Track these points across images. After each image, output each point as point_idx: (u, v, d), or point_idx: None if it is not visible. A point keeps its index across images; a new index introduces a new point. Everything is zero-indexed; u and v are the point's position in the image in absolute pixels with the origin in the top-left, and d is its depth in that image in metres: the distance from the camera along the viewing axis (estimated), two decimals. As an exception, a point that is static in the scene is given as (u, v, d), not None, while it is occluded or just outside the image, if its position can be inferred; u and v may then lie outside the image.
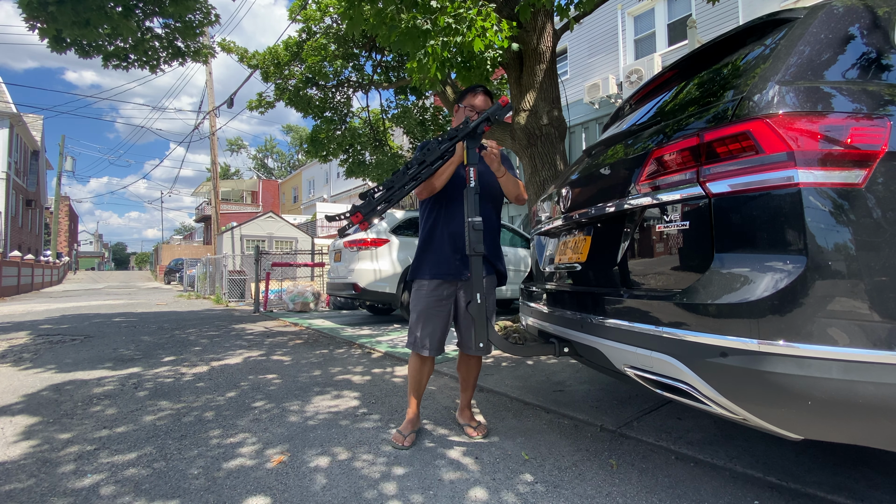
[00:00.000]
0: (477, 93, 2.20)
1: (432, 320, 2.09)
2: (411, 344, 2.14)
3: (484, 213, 2.03)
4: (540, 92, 4.50)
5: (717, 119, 1.31)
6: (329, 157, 8.46)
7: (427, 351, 2.10)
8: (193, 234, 50.24)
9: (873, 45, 1.32)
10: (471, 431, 2.16)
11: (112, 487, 1.69)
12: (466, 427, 2.19)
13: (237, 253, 13.07)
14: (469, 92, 2.22)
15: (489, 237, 2.12)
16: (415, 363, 2.16)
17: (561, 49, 12.72)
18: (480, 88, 2.21)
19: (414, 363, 2.16)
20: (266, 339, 5.17)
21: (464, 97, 2.23)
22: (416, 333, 2.12)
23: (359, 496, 1.62)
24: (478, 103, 2.17)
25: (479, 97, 2.18)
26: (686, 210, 1.33)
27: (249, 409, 2.59)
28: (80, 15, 4.42)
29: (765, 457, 1.83)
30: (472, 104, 2.17)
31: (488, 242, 2.10)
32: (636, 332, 1.40)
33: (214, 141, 17.65)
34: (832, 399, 1.05)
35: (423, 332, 2.10)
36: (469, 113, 2.14)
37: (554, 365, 3.48)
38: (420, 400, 2.20)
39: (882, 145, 1.10)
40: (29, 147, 24.91)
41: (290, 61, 7.31)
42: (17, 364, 3.85)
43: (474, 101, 2.18)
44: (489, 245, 2.12)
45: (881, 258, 1.05)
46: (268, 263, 9.20)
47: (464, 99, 2.22)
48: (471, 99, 2.19)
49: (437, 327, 2.10)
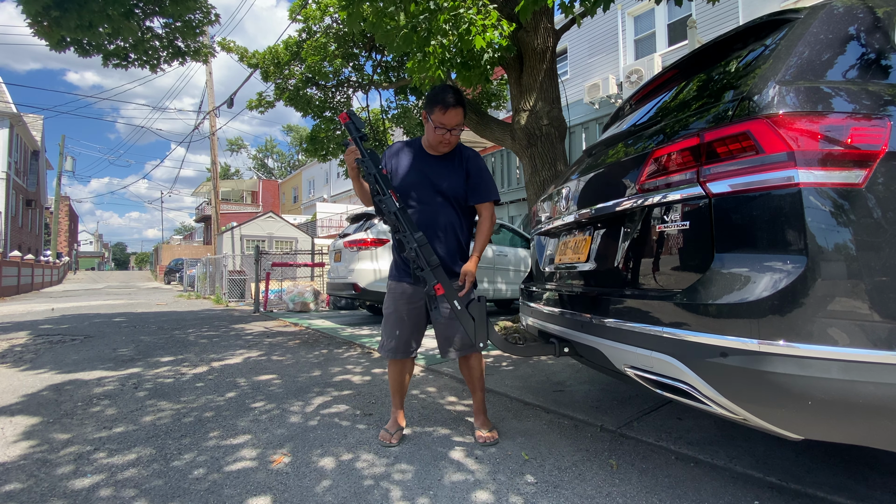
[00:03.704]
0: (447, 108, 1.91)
1: (397, 322, 2.06)
2: (380, 347, 2.14)
3: (432, 209, 2.00)
4: (540, 92, 4.50)
5: (718, 119, 1.31)
6: (328, 157, 8.46)
7: (391, 353, 2.08)
8: (193, 234, 50.24)
9: (873, 45, 1.32)
10: (479, 435, 2.08)
11: (112, 488, 1.69)
12: (477, 431, 2.12)
13: (237, 253, 13.07)
14: (436, 105, 1.92)
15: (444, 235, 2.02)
16: (391, 365, 2.15)
17: (561, 49, 12.72)
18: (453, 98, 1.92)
19: (390, 365, 2.16)
20: (266, 340, 5.17)
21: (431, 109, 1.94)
22: (383, 337, 2.11)
23: (359, 496, 1.62)
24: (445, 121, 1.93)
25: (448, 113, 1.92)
26: (686, 210, 1.33)
27: (249, 410, 2.59)
28: (84, 19, 4.43)
29: (765, 457, 1.83)
30: (442, 122, 1.93)
31: (442, 239, 2.02)
32: (636, 332, 1.40)
33: (214, 141, 17.65)
34: (832, 399, 1.05)
35: (389, 334, 2.08)
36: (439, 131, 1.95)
37: (554, 365, 3.48)
38: (403, 399, 2.18)
39: (882, 145, 1.10)
40: (29, 147, 24.90)
41: (290, 61, 7.31)
42: (17, 364, 3.85)
43: (443, 118, 1.93)
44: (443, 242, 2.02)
45: (881, 258, 1.05)
46: (268, 263, 9.20)
47: (432, 112, 1.94)
48: (439, 115, 1.93)
49: (404, 328, 2.06)
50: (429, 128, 2.00)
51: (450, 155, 2.09)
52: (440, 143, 2.01)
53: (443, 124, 1.94)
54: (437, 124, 1.95)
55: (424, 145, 2.10)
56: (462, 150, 2.12)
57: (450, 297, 1.86)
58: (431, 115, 1.95)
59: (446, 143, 2.01)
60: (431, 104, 1.95)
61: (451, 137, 2.00)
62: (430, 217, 2.01)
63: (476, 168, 2.08)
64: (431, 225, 2.00)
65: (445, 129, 1.95)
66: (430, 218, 2.01)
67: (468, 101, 5.03)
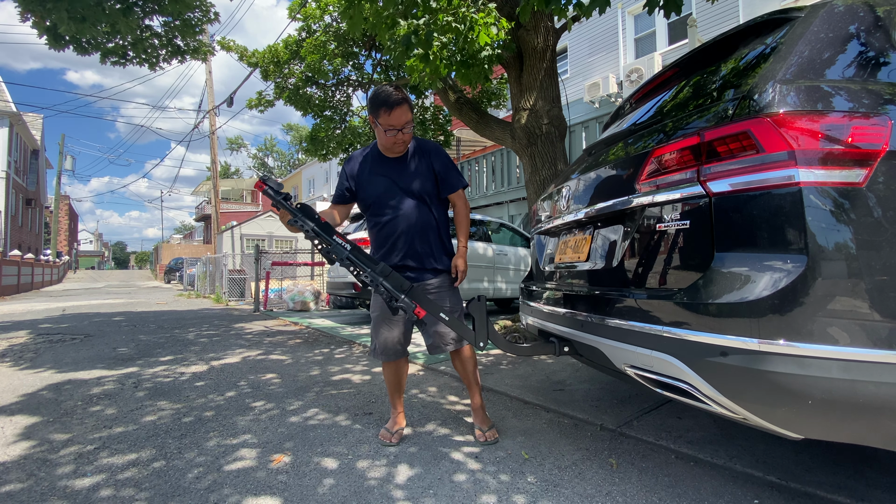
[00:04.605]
0: (391, 108, 1.85)
1: (385, 324, 2.05)
2: (371, 351, 2.13)
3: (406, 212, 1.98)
4: (540, 91, 4.50)
5: (718, 118, 1.31)
6: (328, 156, 8.45)
7: (382, 356, 2.08)
8: (193, 234, 50.25)
9: (874, 44, 1.32)
10: (479, 434, 2.08)
11: (112, 488, 1.69)
12: (476, 429, 2.12)
13: (237, 252, 13.08)
14: (381, 108, 1.86)
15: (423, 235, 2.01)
16: (384, 367, 2.16)
17: (561, 48, 12.71)
18: (395, 97, 1.86)
19: (384, 367, 2.16)
20: (266, 339, 5.17)
21: (377, 113, 1.88)
22: (373, 339, 2.11)
23: (359, 496, 1.62)
24: (393, 121, 1.88)
25: (393, 113, 1.86)
26: (686, 209, 1.33)
27: (249, 409, 2.59)
28: (77, 11, 4.41)
29: (765, 456, 1.83)
30: (390, 124, 1.88)
31: (422, 239, 2.00)
32: (636, 332, 1.40)
33: (214, 140, 17.64)
34: (832, 398, 1.05)
35: (377, 337, 2.08)
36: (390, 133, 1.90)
37: (554, 364, 3.48)
38: (401, 398, 2.18)
39: (883, 144, 1.10)
40: (29, 146, 24.88)
41: (290, 60, 7.30)
42: (17, 363, 3.85)
43: (390, 120, 1.87)
44: (424, 242, 2.01)
45: (882, 257, 1.05)
46: (268, 262, 9.20)
47: (378, 116, 1.88)
48: (385, 118, 1.87)
49: (392, 331, 2.04)
50: (379, 132, 1.94)
51: (409, 153, 2.05)
52: (395, 145, 1.96)
53: (392, 125, 1.89)
54: (385, 127, 1.89)
55: (381, 149, 2.05)
56: (422, 146, 2.08)
57: (434, 312, 1.84)
58: (378, 118, 1.89)
59: (401, 142, 1.96)
60: (375, 107, 1.88)
61: (405, 136, 1.95)
62: (405, 220, 1.99)
63: (441, 163, 2.06)
64: (409, 228, 1.99)
65: (395, 129, 1.90)
66: (405, 221, 1.99)
67: (468, 100, 5.03)
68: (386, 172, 2.03)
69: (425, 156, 2.05)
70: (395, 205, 2.00)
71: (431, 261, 2.02)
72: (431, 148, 2.09)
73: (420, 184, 2.01)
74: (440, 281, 2.05)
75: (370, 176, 2.04)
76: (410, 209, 2.00)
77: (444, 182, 2.06)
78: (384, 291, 1.81)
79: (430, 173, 2.04)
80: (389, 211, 2.00)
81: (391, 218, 2.00)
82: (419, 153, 2.06)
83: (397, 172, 2.02)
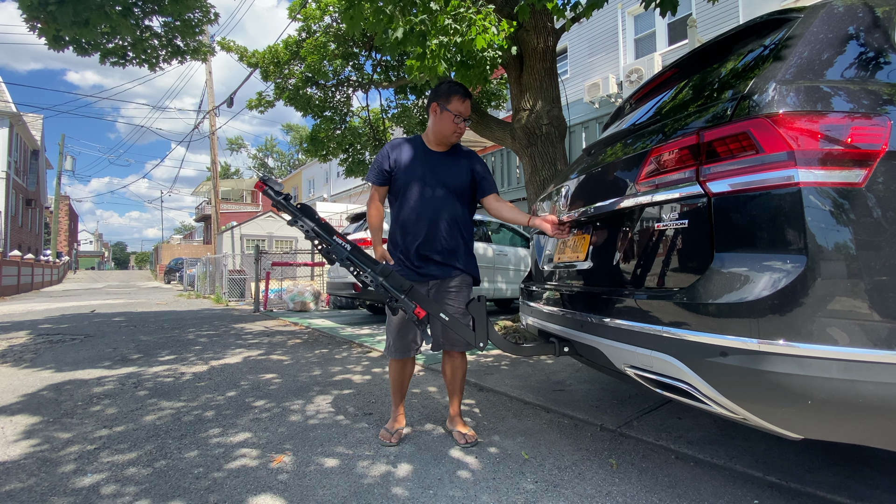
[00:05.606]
0: (465, 98, 2.05)
1: (401, 322, 2.06)
2: (386, 348, 2.15)
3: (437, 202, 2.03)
4: (540, 91, 4.50)
5: (717, 118, 1.31)
6: (329, 157, 8.46)
7: (397, 353, 2.09)
8: (193, 234, 50.23)
9: (873, 45, 1.32)
10: (459, 438, 2.06)
11: (113, 487, 1.69)
12: (454, 433, 2.11)
13: (237, 252, 13.08)
14: (455, 94, 2.04)
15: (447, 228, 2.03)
16: (392, 364, 2.16)
17: (561, 48, 12.71)
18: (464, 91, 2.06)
19: (391, 364, 2.16)
20: (266, 339, 5.17)
21: (449, 99, 2.04)
22: (388, 337, 2.12)
23: (359, 495, 1.62)
24: (463, 109, 2.05)
25: (466, 102, 2.05)
26: (686, 209, 1.33)
27: (250, 409, 2.59)
28: (80, 15, 4.42)
29: (765, 456, 1.83)
30: (459, 111, 2.04)
31: (448, 233, 2.03)
32: (636, 332, 1.40)
33: (214, 140, 17.64)
34: (832, 399, 1.05)
35: (391, 335, 2.09)
36: (457, 121, 2.04)
37: (553, 364, 3.48)
38: (403, 398, 2.19)
39: (882, 144, 1.10)
40: (29, 146, 24.88)
41: (290, 60, 7.30)
42: (17, 363, 3.85)
43: (461, 107, 2.04)
44: (451, 237, 2.04)
45: (881, 258, 1.05)
46: (268, 263, 9.21)
47: (449, 102, 2.03)
48: (458, 104, 2.03)
49: (408, 327, 2.06)
50: (442, 119, 2.05)
51: (451, 152, 2.15)
52: (453, 133, 2.07)
53: (460, 112, 2.03)
54: (455, 113, 2.03)
55: (426, 141, 2.14)
56: (464, 149, 2.21)
57: (435, 312, 1.85)
58: (449, 104, 2.03)
59: (460, 132, 2.09)
60: (449, 94, 2.04)
61: (464, 127, 2.10)
62: (434, 210, 2.04)
63: (482, 166, 2.19)
64: (435, 218, 2.03)
65: (462, 118, 2.05)
66: (434, 211, 2.04)
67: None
68: (428, 162, 2.10)
69: (466, 157, 2.17)
70: (429, 194, 2.05)
71: (455, 259, 2.07)
72: (473, 154, 2.22)
73: (457, 180, 2.09)
74: (460, 280, 2.09)
75: (413, 161, 2.10)
76: (441, 201, 2.05)
77: (482, 182, 2.16)
78: (384, 291, 1.82)
79: (468, 174, 2.12)
80: (421, 198, 2.05)
81: (420, 204, 2.04)
82: (461, 154, 2.17)
83: (439, 166, 2.09)
